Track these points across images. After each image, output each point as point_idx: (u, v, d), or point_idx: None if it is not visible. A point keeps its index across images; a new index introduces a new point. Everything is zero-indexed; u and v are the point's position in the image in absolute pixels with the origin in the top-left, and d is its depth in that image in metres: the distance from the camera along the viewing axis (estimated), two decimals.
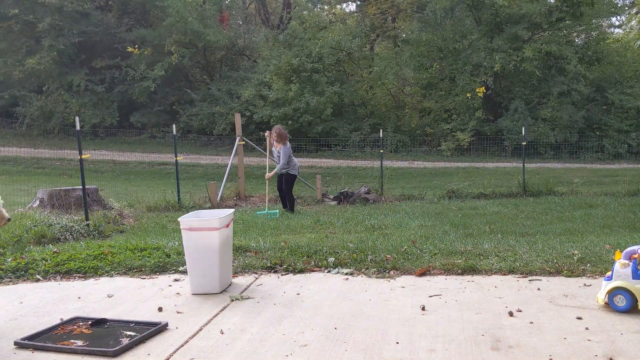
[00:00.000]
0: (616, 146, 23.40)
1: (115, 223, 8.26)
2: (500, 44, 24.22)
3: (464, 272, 5.14)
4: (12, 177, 16.75)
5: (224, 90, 27.69)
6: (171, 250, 5.97)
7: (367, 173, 17.97)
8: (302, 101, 24.52)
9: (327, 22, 31.09)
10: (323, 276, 5.14)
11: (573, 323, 3.77)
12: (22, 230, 6.96)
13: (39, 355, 3.39)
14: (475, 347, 3.39)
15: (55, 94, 28.39)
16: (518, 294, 4.45)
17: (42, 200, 9.20)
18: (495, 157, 22.92)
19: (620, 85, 25.27)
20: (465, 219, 8.72)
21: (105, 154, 22.22)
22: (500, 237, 6.80)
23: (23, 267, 5.42)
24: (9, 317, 4.12)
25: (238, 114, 12.84)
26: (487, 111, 25.27)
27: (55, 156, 20.05)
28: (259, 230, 7.75)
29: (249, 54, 31.73)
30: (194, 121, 27.30)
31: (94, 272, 5.37)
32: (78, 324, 3.89)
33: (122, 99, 28.41)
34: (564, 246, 5.97)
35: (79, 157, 7.93)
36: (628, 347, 3.35)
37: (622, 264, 4.03)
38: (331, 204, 11.44)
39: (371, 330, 3.71)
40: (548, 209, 9.85)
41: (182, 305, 4.32)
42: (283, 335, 3.65)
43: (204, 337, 3.63)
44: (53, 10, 26.82)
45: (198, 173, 18.83)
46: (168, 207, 10.13)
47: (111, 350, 3.37)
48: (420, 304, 4.22)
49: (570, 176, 15.81)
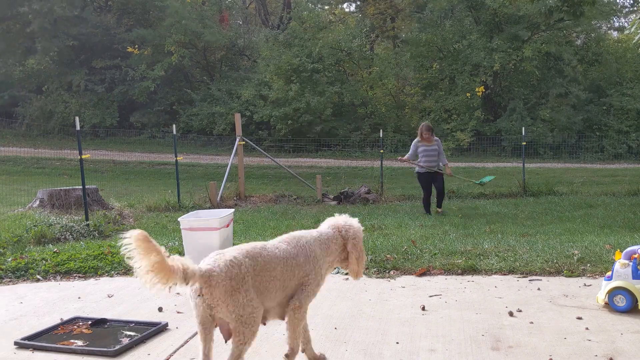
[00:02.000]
0: (616, 147, 23.39)
1: (115, 223, 8.26)
2: (500, 44, 24.24)
3: (464, 272, 5.14)
4: (12, 177, 16.74)
5: (224, 90, 27.70)
6: (171, 250, 5.96)
7: (367, 173, 17.96)
8: (302, 101, 24.53)
9: (327, 22, 31.10)
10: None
11: (573, 323, 3.77)
12: (22, 230, 6.96)
13: (39, 355, 3.39)
14: (476, 347, 3.39)
15: (55, 94, 28.39)
16: (518, 294, 4.45)
17: (42, 200, 9.20)
18: (495, 157, 22.92)
19: (620, 86, 25.27)
20: (465, 219, 8.72)
21: (105, 154, 22.21)
22: (500, 237, 6.80)
23: (23, 267, 5.42)
24: (9, 317, 4.11)
25: (238, 114, 12.84)
26: (486, 111, 25.28)
27: (55, 156, 20.04)
28: (259, 230, 7.75)
29: (249, 54, 31.73)
30: (194, 121, 27.30)
31: (94, 272, 5.37)
32: (78, 323, 3.89)
33: (122, 99, 28.41)
34: (564, 246, 5.97)
35: (79, 157, 7.92)
36: (628, 347, 3.35)
37: (622, 264, 4.03)
38: (331, 204, 11.44)
39: (371, 330, 3.71)
40: (548, 209, 9.85)
41: (182, 305, 4.32)
42: (283, 335, 3.64)
43: None
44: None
45: (198, 173, 18.82)
46: (168, 207, 10.13)
47: (111, 350, 3.37)
48: (420, 304, 4.22)
49: (570, 176, 15.80)
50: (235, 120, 12.32)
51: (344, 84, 26.83)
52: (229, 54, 30.95)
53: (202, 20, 28.06)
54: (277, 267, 2.88)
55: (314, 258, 3.07)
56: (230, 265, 2.69)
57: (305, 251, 3.05)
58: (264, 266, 2.81)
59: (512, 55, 23.93)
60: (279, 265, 2.89)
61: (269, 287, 2.84)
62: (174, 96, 28.93)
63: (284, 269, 2.91)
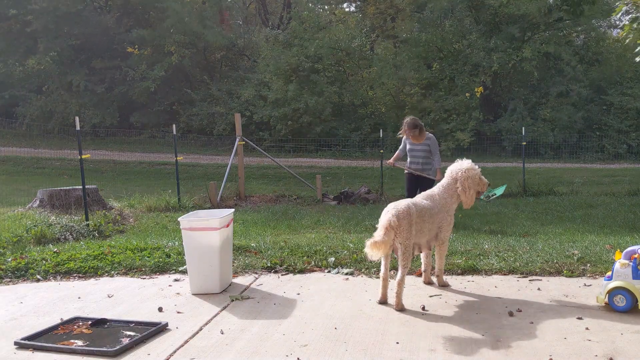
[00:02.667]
0: (616, 146, 23.40)
1: (115, 223, 8.26)
2: (499, 44, 24.24)
3: (464, 272, 5.14)
4: (12, 177, 16.74)
5: (223, 90, 27.70)
6: (171, 250, 5.97)
7: (367, 173, 17.96)
8: (302, 101, 24.53)
9: (326, 22, 31.10)
10: (323, 276, 5.14)
11: (573, 323, 3.77)
12: (22, 230, 6.96)
13: (39, 355, 3.39)
14: (475, 347, 3.39)
15: (55, 94, 28.38)
16: (518, 294, 4.45)
17: (42, 200, 9.19)
18: (495, 157, 22.91)
19: (620, 85, 25.28)
20: (465, 219, 8.72)
21: (105, 154, 22.20)
22: (500, 237, 6.80)
23: (23, 267, 5.42)
24: (9, 317, 4.11)
25: (238, 114, 12.84)
26: (486, 111, 25.28)
27: (55, 156, 20.04)
28: (259, 230, 7.75)
29: (249, 54, 31.74)
30: (194, 121, 27.30)
31: (94, 272, 5.37)
32: (78, 323, 3.89)
33: (122, 99, 28.41)
34: (564, 246, 5.97)
35: (79, 157, 7.92)
36: (628, 347, 3.35)
37: (622, 264, 4.03)
38: (331, 204, 11.44)
39: (371, 330, 3.72)
40: (548, 209, 9.85)
41: (182, 305, 4.32)
42: (283, 335, 3.65)
43: (204, 337, 3.63)
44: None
45: (198, 173, 18.80)
46: (168, 207, 10.12)
47: (111, 350, 3.37)
48: (420, 304, 4.23)
49: (570, 176, 15.79)
50: (235, 121, 12.32)
51: (344, 84, 26.82)
52: (229, 54, 30.96)
53: (202, 21, 28.06)
54: (425, 216, 4.32)
55: (444, 206, 4.56)
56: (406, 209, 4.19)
57: (438, 204, 4.53)
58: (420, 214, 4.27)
59: (511, 55, 23.94)
60: (427, 215, 4.33)
61: (422, 228, 4.32)
62: (174, 96, 28.93)
63: (429, 218, 4.36)
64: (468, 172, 4.64)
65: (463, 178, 4.61)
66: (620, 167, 19.59)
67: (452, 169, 4.71)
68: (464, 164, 4.70)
